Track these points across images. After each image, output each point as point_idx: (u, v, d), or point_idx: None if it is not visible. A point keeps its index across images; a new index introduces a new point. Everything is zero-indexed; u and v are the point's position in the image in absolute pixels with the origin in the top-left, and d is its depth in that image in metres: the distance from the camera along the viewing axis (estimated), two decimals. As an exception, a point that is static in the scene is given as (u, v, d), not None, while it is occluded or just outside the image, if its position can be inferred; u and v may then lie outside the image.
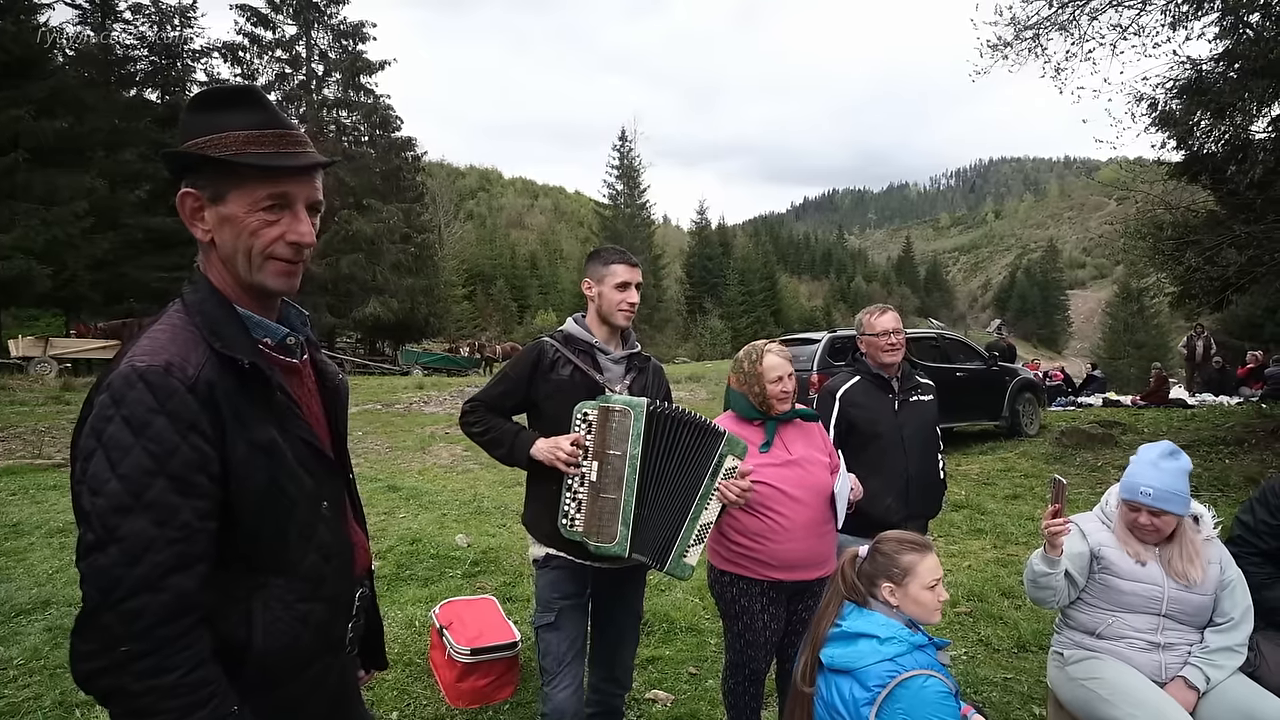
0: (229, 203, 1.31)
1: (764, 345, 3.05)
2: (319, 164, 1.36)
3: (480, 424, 2.73)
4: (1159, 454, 2.88)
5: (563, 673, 2.65)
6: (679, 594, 5.29)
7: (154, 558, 1.14)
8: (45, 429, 11.61)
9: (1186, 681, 2.74)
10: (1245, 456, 9.75)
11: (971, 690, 3.94)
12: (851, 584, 2.34)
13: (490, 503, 8.11)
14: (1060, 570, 2.84)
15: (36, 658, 4.13)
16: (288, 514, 1.34)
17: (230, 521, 1.26)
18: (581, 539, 2.52)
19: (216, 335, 1.29)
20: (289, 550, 1.35)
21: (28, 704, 3.64)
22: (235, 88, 1.36)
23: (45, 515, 7.03)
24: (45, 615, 4.72)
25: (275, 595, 1.33)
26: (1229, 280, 9.95)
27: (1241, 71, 9.23)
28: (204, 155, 1.29)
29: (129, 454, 1.15)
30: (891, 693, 2.07)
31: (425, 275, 38.68)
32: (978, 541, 6.92)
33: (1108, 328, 67.69)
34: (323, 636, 1.41)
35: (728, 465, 2.60)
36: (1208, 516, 2.97)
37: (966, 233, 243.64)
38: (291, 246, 1.35)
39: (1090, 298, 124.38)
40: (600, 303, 2.78)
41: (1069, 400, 17.95)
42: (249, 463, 1.27)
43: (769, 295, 76.90)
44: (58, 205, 22.59)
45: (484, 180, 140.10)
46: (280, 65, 34.93)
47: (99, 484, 1.15)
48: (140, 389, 1.18)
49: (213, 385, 1.24)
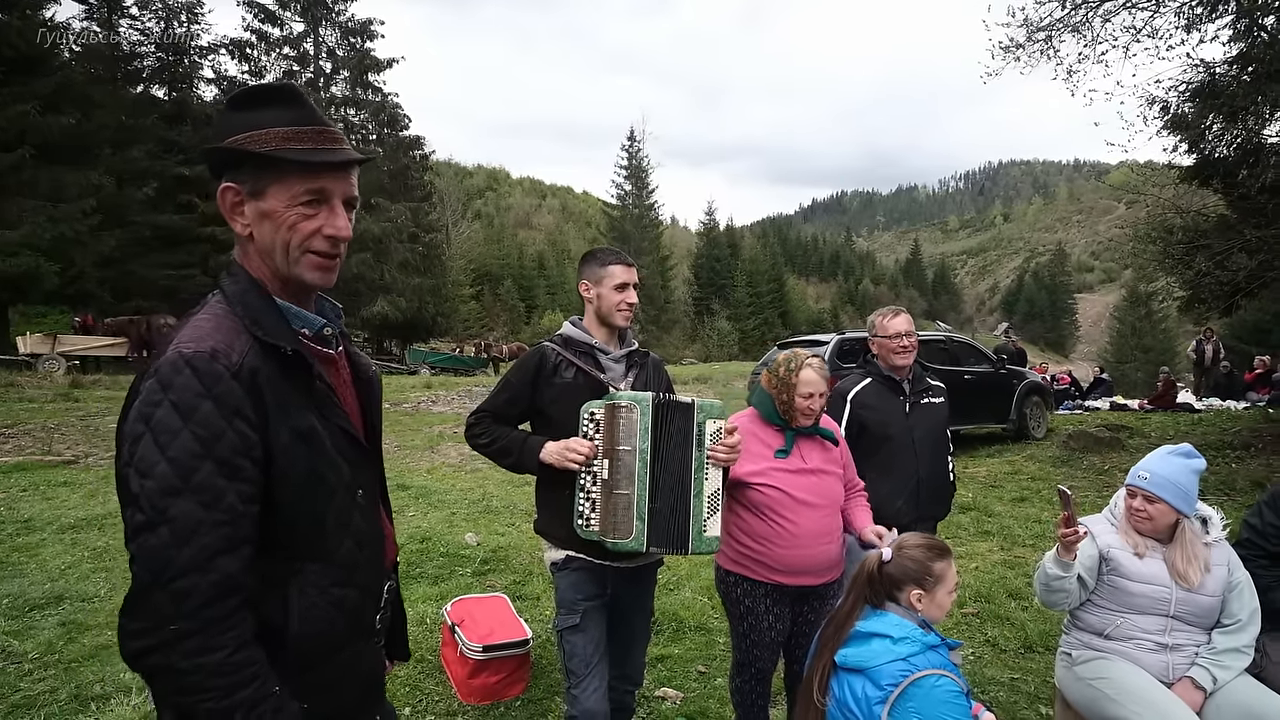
0: (268, 197, 1.34)
1: (806, 358, 3.00)
2: (356, 160, 1.39)
3: (486, 435, 2.73)
4: (1172, 450, 2.93)
5: (590, 675, 2.64)
6: (688, 593, 5.32)
7: (202, 539, 1.17)
8: (55, 425, 11.66)
9: (1194, 682, 2.76)
10: (1252, 461, 9.75)
11: (979, 690, 3.96)
12: (875, 587, 2.35)
13: (499, 502, 8.15)
14: (1073, 574, 2.86)
15: (51, 652, 4.18)
16: (326, 501, 1.37)
17: (270, 507, 1.29)
18: (599, 538, 2.53)
19: (258, 324, 1.33)
20: (326, 537, 1.38)
21: (44, 697, 3.69)
22: (274, 85, 1.41)
23: (56, 512, 7.08)
24: (59, 610, 4.78)
25: (311, 581, 1.35)
26: (1239, 285, 9.95)
27: (1255, 75, 9.22)
28: (245, 151, 1.32)
29: (177, 437, 1.18)
30: (904, 692, 2.08)
31: (433, 275, 38.78)
32: (985, 543, 6.93)
33: (1115, 332, 67.54)
34: (355, 623, 1.44)
35: (710, 431, 2.61)
36: (1216, 519, 2.99)
37: (975, 235, 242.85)
38: (329, 240, 1.38)
39: (1098, 301, 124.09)
40: (599, 304, 2.79)
41: (1076, 404, 17.92)
42: (290, 449, 1.30)
43: (776, 297, 76.86)
44: (65, 202, 22.55)
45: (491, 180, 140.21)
46: (288, 62, 34.99)
47: (148, 466, 1.18)
48: (187, 374, 1.21)
49: (256, 372, 1.27)
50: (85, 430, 11.61)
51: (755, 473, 2.92)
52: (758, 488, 2.91)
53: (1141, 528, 2.92)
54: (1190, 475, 2.87)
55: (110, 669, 3.98)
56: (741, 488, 2.94)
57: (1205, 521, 2.98)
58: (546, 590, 5.20)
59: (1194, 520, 2.95)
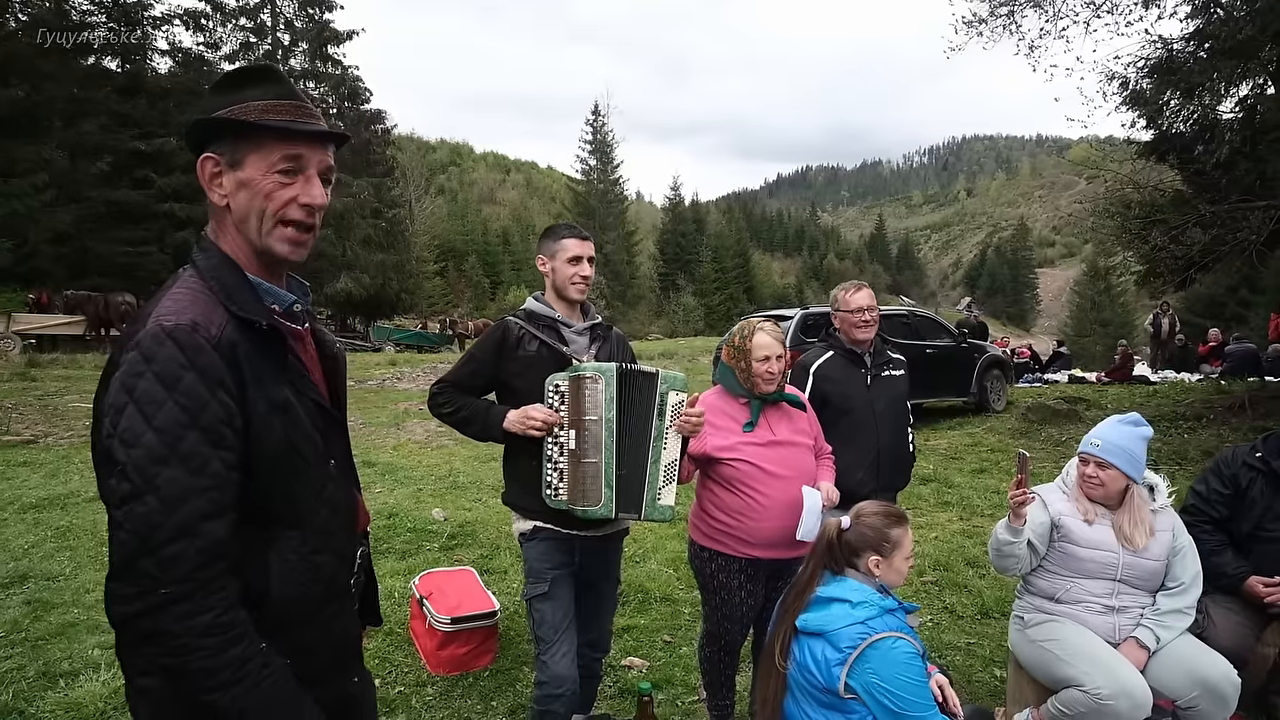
0: (246, 166, 1.38)
1: (757, 323, 3.05)
2: (331, 134, 1.44)
3: (450, 404, 2.77)
4: (1122, 419, 3.05)
5: (559, 640, 2.69)
6: (654, 565, 5.40)
7: (190, 505, 1.21)
8: (12, 405, 11.40)
9: (1138, 641, 2.90)
10: (1203, 431, 10.02)
11: (936, 654, 4.08)
12: (835, 554, 2.42)
13: (466, 478, 8.16)
14: (1023, 539, 2.97)
15: (17, 630, 4.16)
16: (302, 470, 1.42)
17: (248, 476, 1.32)
18: (568, 506, 2.58)
19: (232, 299, 1.36)
20: (301, 505, 1.43)
21: (11, 674, 3.68)
22: (256, 66, 1.47)
23: (17, 492, 6.98)
24: (24, 589, 4.75)
25: (290, 547, 1.40)
26: (1193, 259, 10.16)
27: (1211, 51, 9.36)
28: (226, 120, 1.37)
29: (162, 408, 1.21)
30: (862, 653, 2.16)
31: (396, 251, 38.27)
32: (944, 514, 7.09)
33: (1076, 306, 68.79)
34: (330, 587, 1.49)
35: (673, 402, 2.66)
36: (1162, 486, 3.11)
37: (939, 210, 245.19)
38: (304, 209, 1.42)
39: (1059, 276, 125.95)
40: (554, 278, 2.82)
41: (1036, 377, 18.22)
42: (268, 420, 1.35)
43: (742, 272, 76.91)
44: (16, 177, 21.96)
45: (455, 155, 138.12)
46: (244, 34, 34.08)
47: (134, 437, 1.21)
48: (170, 346, 1.24)
49: (234, 345, 1.31)
50: (44, 410, 11.38)
51: (724, 447, 2.95)
52: (728, 462, 2.95)
53: (1094, 494, 3.03)
54: (1139, 442, 2.99)
55: (78, 646, 3.97)
56: (713, 463, 2.98)
57: (1152, 489, 3.11)
58: (514, 564, 5.25)
59: (1142, 486, 3.07)
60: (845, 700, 2.17)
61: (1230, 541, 3.37)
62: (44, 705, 3.40)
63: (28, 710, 3.37)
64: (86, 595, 4.64)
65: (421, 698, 3.64)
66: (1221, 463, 3.51)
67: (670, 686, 3.74)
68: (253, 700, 1.26)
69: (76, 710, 3.35)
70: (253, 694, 1.26)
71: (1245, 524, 3.34)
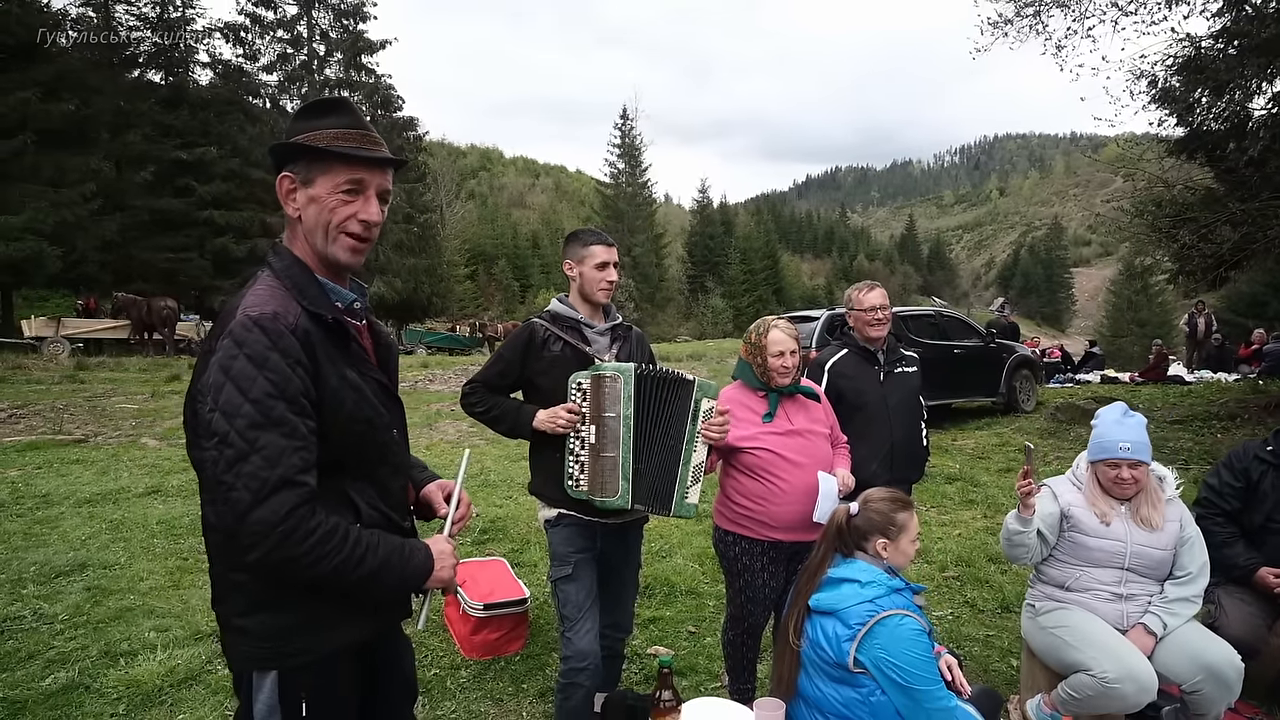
0: (316, 185, 1.62)
1: (772, 320, 3.24)
2: (390, 160, 1.67)
3: (482, 403, 2.96)
4: (1119, 414, 3.14)
5: (583, 619, 2.85)
6: (679, 560, 5.54)
7: (288, 461, 1.45)
8: (63, 406, 11.84)
9: (1145, 628, 2.99)
10: (1237, 431, 9.92)
11: (955, 646, 4.16)
12: (845, 538, 2.56)
13: (497, 476, 8.35)
14: (1032, 529, 3.07)
15: (79, 614, 4.43)
16: (370, 435, 1.67)
17: (325, 441, 1.55)
18: (587, 497, 2.77)
19: (304, 295, 1.60)
20: (369, 463, 1.69)
21: (76, 653, 3.95)
22: (330, 99, 1.69)
23: (72, 487, 7.31)
24: (83, 576, 5.03)
25: (363, 496, 1.66)
26: (1223, 257, 10.07)
27: (1241, 49, 9.27)
28: (299, 145, 1.61)
29: (255, 383, 1.45)
30: (870, 630, 2.29)
31: (428, 255, 38.72)
32: (969, 511, 7.15)
33: (1112, 306, 67.74)
34: (392, 528, 1.74)
35: (704, 408, 2.83)
36: (1170, 478, 3.20)
37: (970, 210, 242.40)
38: (362, 224, 1.65)
39: (1095, 275, 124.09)
40: (582, 282, 2.97)
41: (1067, 377, 18.07)
42: (339, 393, 1.59)
43: (771, 274, 76.68)
44: (66, 187, 22.69)
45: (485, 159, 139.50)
46: (282, 45, 34.75)
47: (234, 408, 1.44)
48: (257, 332, 1.47)
49: (308, 333, 1.55)
50: (93, 410, 11.84)
51: (746, 438, 3.11)
52: (750, 450, 3.11)
53: (1128, 493, 3.11)
54: (1145, 429, 3.11)
55: (135, 629, 4.23)
56: (735, 453, 3.14)
57: (1161, 480, 3.20)
58: (543, 557, 5.41)
59: (1153, 473, 3.16)
60: (855, 674, 2.30)
61: (1242, 534, 3.46)
62: (107, 681, 3.64)
63: (93, 685, 3.62)
64: (141, 583, 4.90)
65: (456, 679, 3.82)
66: (1234, 456, 3.59)
67: (694, 674, 3.87)
68: (377, 560, 1.54)
69: (136, 686, 3.59)
70: (376, 556, 1.54)
71: (1257, 516, 3.43)
